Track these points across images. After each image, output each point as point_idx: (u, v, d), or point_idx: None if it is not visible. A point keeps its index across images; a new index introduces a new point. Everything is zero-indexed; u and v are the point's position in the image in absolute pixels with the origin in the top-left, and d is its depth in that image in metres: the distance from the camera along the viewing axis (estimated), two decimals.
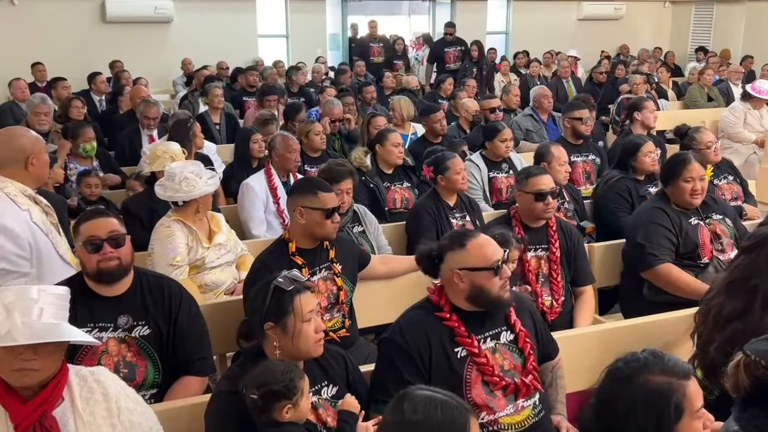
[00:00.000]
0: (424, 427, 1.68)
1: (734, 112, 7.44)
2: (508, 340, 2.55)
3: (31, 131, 3.31)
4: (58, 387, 2.03)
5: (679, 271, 3.66)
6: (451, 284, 2.51)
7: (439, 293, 2.56)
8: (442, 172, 4.18)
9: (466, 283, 2.48)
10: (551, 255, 3.64)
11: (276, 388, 2.13)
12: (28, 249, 2.99)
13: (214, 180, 3.72)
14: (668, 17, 15.44)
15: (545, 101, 7.06)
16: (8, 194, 3.02)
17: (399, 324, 2.56)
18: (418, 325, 2.50)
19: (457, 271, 2.47)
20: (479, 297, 2.48)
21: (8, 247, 2.94)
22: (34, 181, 3.17)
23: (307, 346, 2.33)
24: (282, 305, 2.30)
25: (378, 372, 2.55)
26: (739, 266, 2.65)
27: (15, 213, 2.99)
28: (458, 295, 2.51)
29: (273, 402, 2.14)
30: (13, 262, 2.96)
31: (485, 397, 2.43)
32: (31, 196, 3.12)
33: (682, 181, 3.76)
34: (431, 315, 2.52)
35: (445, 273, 2.53)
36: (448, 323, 2.49)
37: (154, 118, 6.27)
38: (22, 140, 3.15)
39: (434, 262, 2.57)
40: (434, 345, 2.45)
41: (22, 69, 9.37)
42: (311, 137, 5.49)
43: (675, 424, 1.77)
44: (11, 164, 3.09)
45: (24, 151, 3.10)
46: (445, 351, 2.45)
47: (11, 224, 2.95)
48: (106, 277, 2.63)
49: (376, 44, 12.12)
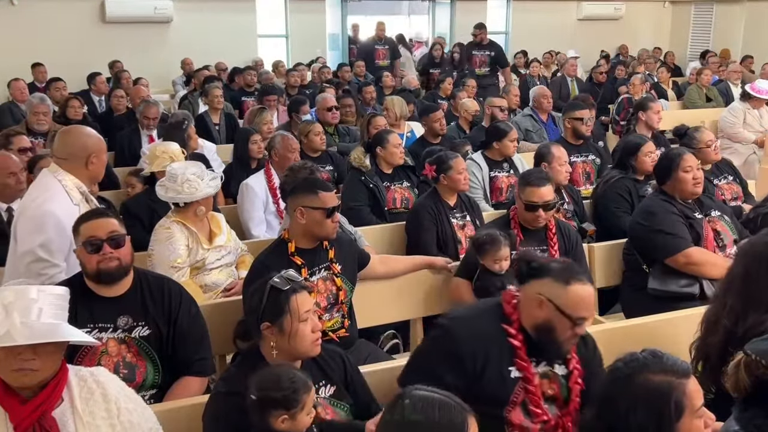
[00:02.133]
0: (423, 426, 1.68)
1: (733, 112, 7.44)
2: (560, 373, 2.45)
3: (95, 132, 3.44)
4: (57, 387, 2.03)
5: (707, 251, 3.69)
6: (529, 304, 2.37)
7: (514, 307, 2.43)
8: (444, 172, 4.18)
9: (543, 314, 2.34)
10: (550, 256, 3.64)
11: (275, 396, 2.08)
12: (68, 243, 3.05)
13: (215, 182, 3.71)
14: (668, 17, 15.44)
15: (545, 101, 7.06)
16: (65, 186, 3.16)
17: (464, 320, 2.45)
18: (483, 334, 2.39)
19: (544, 299, 2.33)
20: (545, 333, 2.36)
21: (52, 234, 3.06)
22: (90, 179, 3.31)
23: (303, 346, 2.31)
24: (278, 305, 2.29)
25: (420, 356, 2.48)
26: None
27: (66, 205, 3.12)
28: (529, 319, 2.38)
29: (269, 408, 2.09)
30: (50, 251, 3.06)
31: (522, 419, 2.36)
32: (84, 194, 3.24)
33: (681, 172, 3.77)
34: (497, 324, 2.41)
35: (530, 291, 2.38)
36: (512, 341, 2.38)
37: (153, 118, 6.27)
38: (87, 139, 3.30)
39: (531, 272, 2.42)
40: (492, 359, 2.36)
41: (21, 69, 9.36)
42: (311, 137, 5.50)
43: (676, 423, 1.78)
44: (73, 160, 3.23)
45: (87, 149, 3.25)
46: (500, 368, 2.36)
47: (61, 214, 3.06)
48: (105, 277, 2.63)
49: (381, 46, 11.77)
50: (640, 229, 3.84)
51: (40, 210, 3.09)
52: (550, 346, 2.39)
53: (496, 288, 3.45)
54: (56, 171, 3.21)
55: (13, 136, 4.99)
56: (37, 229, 3.06)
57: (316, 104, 6.83)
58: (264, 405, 2.09)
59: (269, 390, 2.09)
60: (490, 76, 9.64)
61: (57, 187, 3.15)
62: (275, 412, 2.09)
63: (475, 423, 1.72)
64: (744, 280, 2.49)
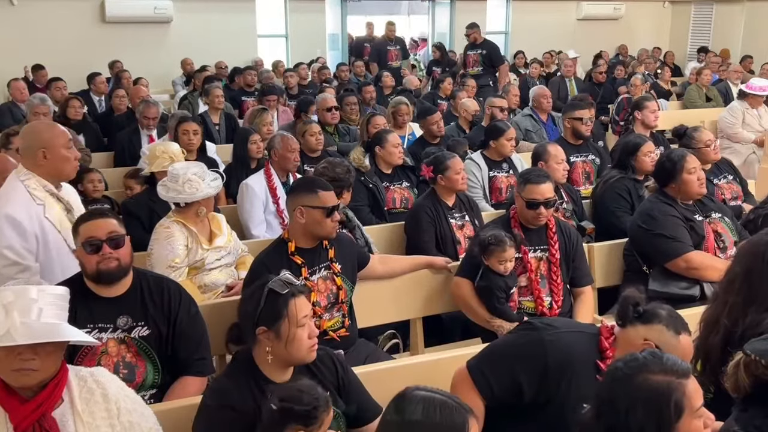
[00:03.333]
0: (424, 427, 1.68)
1: (732, 112, 7.44)
2: None
3: (57, 126, 3.33)
4: (57, 388, 2.03)
5: (708, 254, 3.69)
6: (631, 347, 2.26)
7: (611, 343, 2.38)
8: (441, 172, 4.17)
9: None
10: (551, 256, 3.64)
11: (297, 410, 2.04)
12: (34, 242, 3.04)
13: (216, 182, 3.71)
14: (667, 17, 15.44)
15: (544, 101, 7.06)
16: (27, 186, 3.11)
17: (561, 335, 2.38)
18: (575, 357, 2.33)
19: (652, 345, 2.24)
20: None
21: (12, 237, 3.02)
22: (50, 176, 3.19)
23: (300, 352, 2.27)
24: (276, 309, 2.24)
25: (501, 350, 2.44)
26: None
27: (27, 206, 3.07)
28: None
29: (288, 421, 2.05)
30: (18, 252, 3.03)
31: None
32: (51, 192, 3.17)
33: (686, 174, 3.77)
34: (592, 355, 2.36)
35: (635, 334, 2.31)
36: (600, 377, 2.26)
37: (153, 118, 6.27)
38: (40, 134, 3.22)
39: (638, 316, 2.35)
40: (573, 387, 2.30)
41: (21, 69, 9.37)
42: (306, 138, 5.50)
43: (675, 423, 1.78)
44: (28, 155, 3.18)
45: (39, 143, 3.15)
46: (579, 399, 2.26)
47: (19, 216, 3.03)
48: (105, 277, 2.63)
49: (393, 47, 11.57)
50: (640, 232, 3.83)
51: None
52: None
53: (500, 289, 3.46)
54: (20, 172, 3.16)
55: (13, 136, 4.97)
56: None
57: (316, 104, 6.84)
58: (283, 417, 2.05)
59: (292, 403, 2.05)
60: (483, 75, 9.47)
61: (18, 189, 3.09)
62: (293, 425, 2.05)
63: (475, 423, 1.73)
64: (745, 279, 2.49)
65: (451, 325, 4.02)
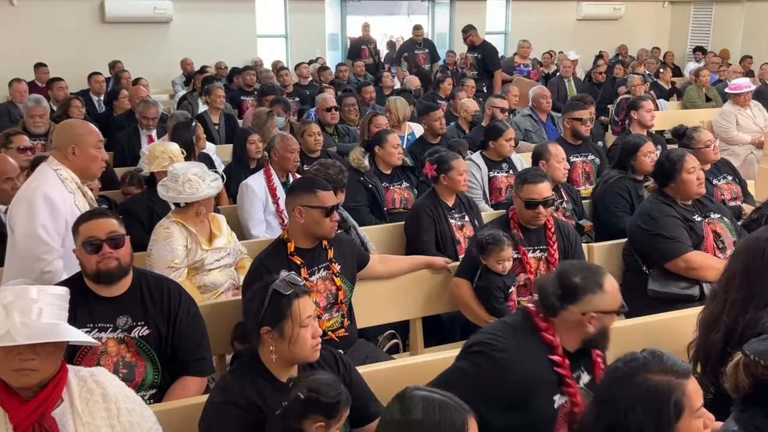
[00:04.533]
0: (424, 427, 1.69)
1: (725, 116, 7.44)
2: (584, 383, 2.42)
3: (89, 126, 3.47)
4: (57, 388, 2.03)
5: (707, 254, 3.69)
6: (574, 326, 2.31)
7: (552, 331, 2.35)
8: (445, 172, 4.18)
9: (594, 327, 2.31)
10: (549, 256, 3.65)
11: (323, 401, 2.08)
12: (64, 226, 3.10)
13: (216, 183, 3.71)
14: (667, 17, 15.45)
15: (544, 101, 7.06)
16: (59, 175, 3.23)
17: (505, 351, 2.32)
18: (527, 364, 2.29)
19: (591, 314, 2.29)
20: (600, 340, 2.34)
21: (47, 216, 3.11)
22: (77, 172, 3.31)
23: (303, 351, 2.29)
24: (280, 309, 2.26)
25: (455, 376, 2.37)
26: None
27: (60, 190, 3.19)
28: (576, 337, 2.34)
29: (312, 411, 2.08)
30: (49, 233, 3.10)
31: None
32: (80, 186, 3.29)
33: (685, 173, 3.77)
34: (541, 354, 2.33)
35: (572, 314, 2.31)
36: (560, 370, 2.32)
37: (152, 118, 6.27)
38: (71, 130, 3.36)
39: (562, 299, 2.33)
40: (537, 390, 2.28)
41: (21, 69, 9.36)
42: (305, 137, 5.50)
43: (675, 423, 1.78)
44: (60, 150, 3.29)
45: (68, 140, 3.29)
46: (546, 402, 2.30)
47: (56, 198, 3.14)
48: (105, 277, 2.63)
49: (421, 50, 11.05)
50: (640, 232, 3.83)
51: (35, 193, 3.15)
52: (603, 349, 2.41)
53: (499, 289, 3.46)
54: (52, 162, 3.29)
55: (13, 136, 4.99)
56: (33, 211, 3.11)
57: (316, 104, 6.83)
58: (308, 406, 2.08)
59: (319, 393, 2.09)
60: (479, 79, 9.26)
61: (52, 176, 3.22)
62: (315, 416, 2.08)
63: (475, 423, 1.73)
64: (746, 275, 2.48)
65: (451, 325, 4.01)
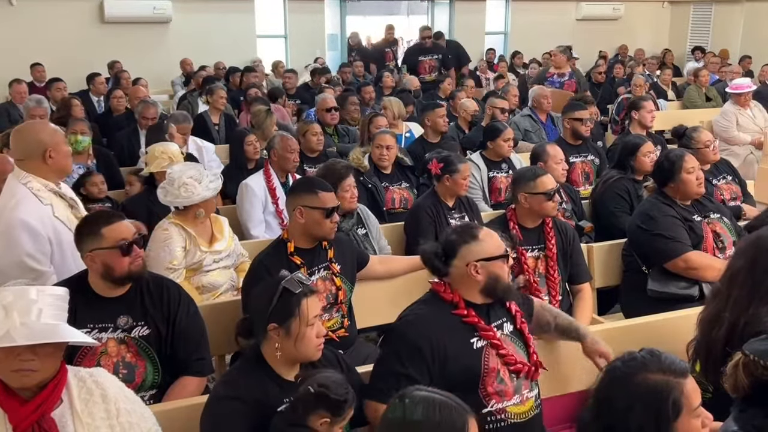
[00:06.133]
0: (424, 427, 1.69)
1: (726, 116, 7.43)
2: (509, 331, 2.57)
3: (49, 124, 3.39)
4: (57, 388, 2.03)
5: (707, 254, 3.70)
6: (465, 278, 2.49)
7: (449, 290, 2.53)
8: (450, 173, 4.20)
9: (482, 275, 2.48)
10: (548, 251, 3.65)
11: (333, 397, 2.12)
12: (48, 245, 3.04)
13: (214, 184, 3.71)
14: (666, 17, 15.46)
15: (544, 101, 7.05)
16: (31, 189, 3.10)
17: (408, 319, 2.52)
18: (431, 321, 2.47)
19: (474, 263, 2.46)
20: (495, 287, 2.50)
21: (28, 243, 3.01)
22: (55, 174, 3.23)
23: (308, 350, 2.31)
24: (288, 307, 2.28)
25: (380, 364, 2.52)
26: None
27: (36, 208, 3.07)
28: (472, 289, 2.50)
29: (319, 406, 2.12)
30: (36, 259, 3.03)
31: (496, 386, 2.46)
32: (54, 191, 3.18)
33: (684, 173, 3.77)
34: (445, 312, 2.49)
35: (458, 268, 2.50)
36: (467, 320, 2.47)
37: (152, 118, 6.26)
38: (40, 134, 3.22)
39: (443, 259, 2.53)
40: (450, 339, 2.43)
41: (21, 69, 9.37)
42: (308, 137, 5.50)
43: (673, 422, 1.78)
44: (31, 159, 3.16)
45: (42, 145, 3.16)
46: (462, 344, 2.45)
47: (33, 220, 3.03)
48: (135, 278, 2.66)
49: (427, 57, 10.28)
50: (639, 232, 3.83)
51: (11, 222, 3.03)
52: (504, 296, 2.54)
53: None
54: (19, 175, 3.14)
55: None
56: (16, 242, 3.02)
57: (316, 105, 6.82)
58: (317, 401, 2.12)
59: (329, 390, 2.13)
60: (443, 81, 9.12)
61: (23, 192, 3.09)
62: (322, 411, 2.13)
63: (475, 424, 1.73)
64: (750, 272, 2.48)
65: None
